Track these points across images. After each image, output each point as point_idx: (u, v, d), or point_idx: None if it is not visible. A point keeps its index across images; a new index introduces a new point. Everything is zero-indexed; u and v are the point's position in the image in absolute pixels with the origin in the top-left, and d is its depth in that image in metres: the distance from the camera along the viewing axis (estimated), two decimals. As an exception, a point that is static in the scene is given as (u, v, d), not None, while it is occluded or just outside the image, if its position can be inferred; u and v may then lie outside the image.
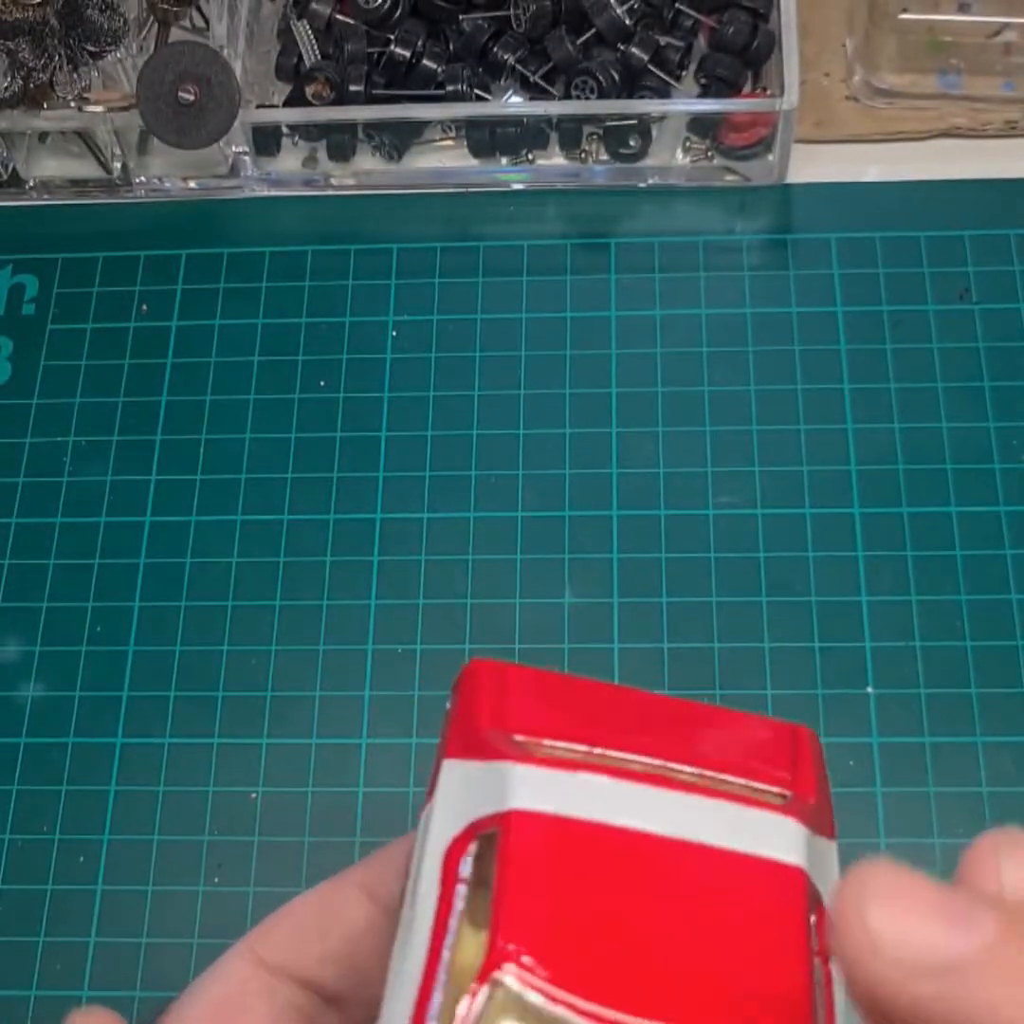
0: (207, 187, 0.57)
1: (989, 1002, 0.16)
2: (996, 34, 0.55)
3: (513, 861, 0.23)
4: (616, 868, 0.23)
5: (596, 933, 0.22)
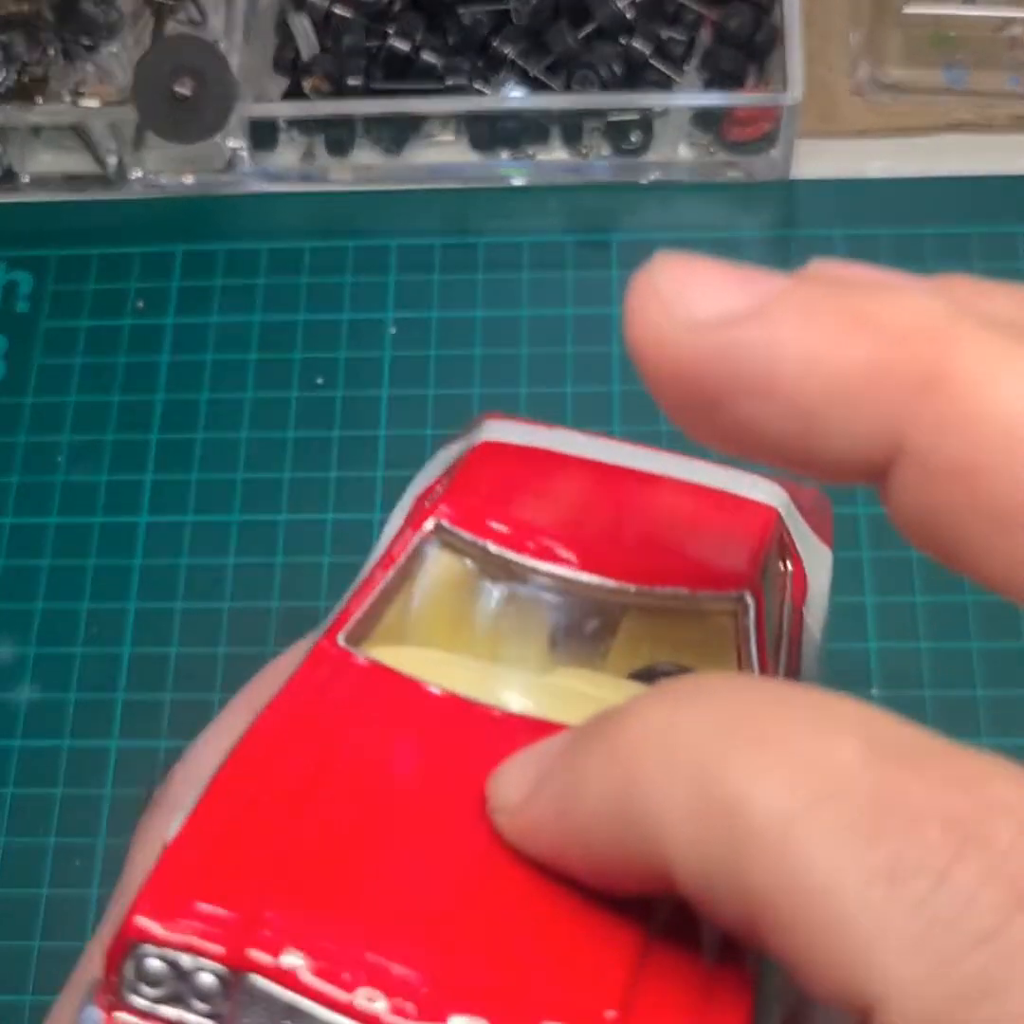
0: (203, 182, 0.56)
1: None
2: (1002, 28, 0.54)
3: (468, 462, 0.25)
4: (569, 473, 0.25)
5: (539, 505, 0.24)
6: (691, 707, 0.16)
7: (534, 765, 0.18)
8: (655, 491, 0.25)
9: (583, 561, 0.23)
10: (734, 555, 0.23)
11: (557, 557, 0.23)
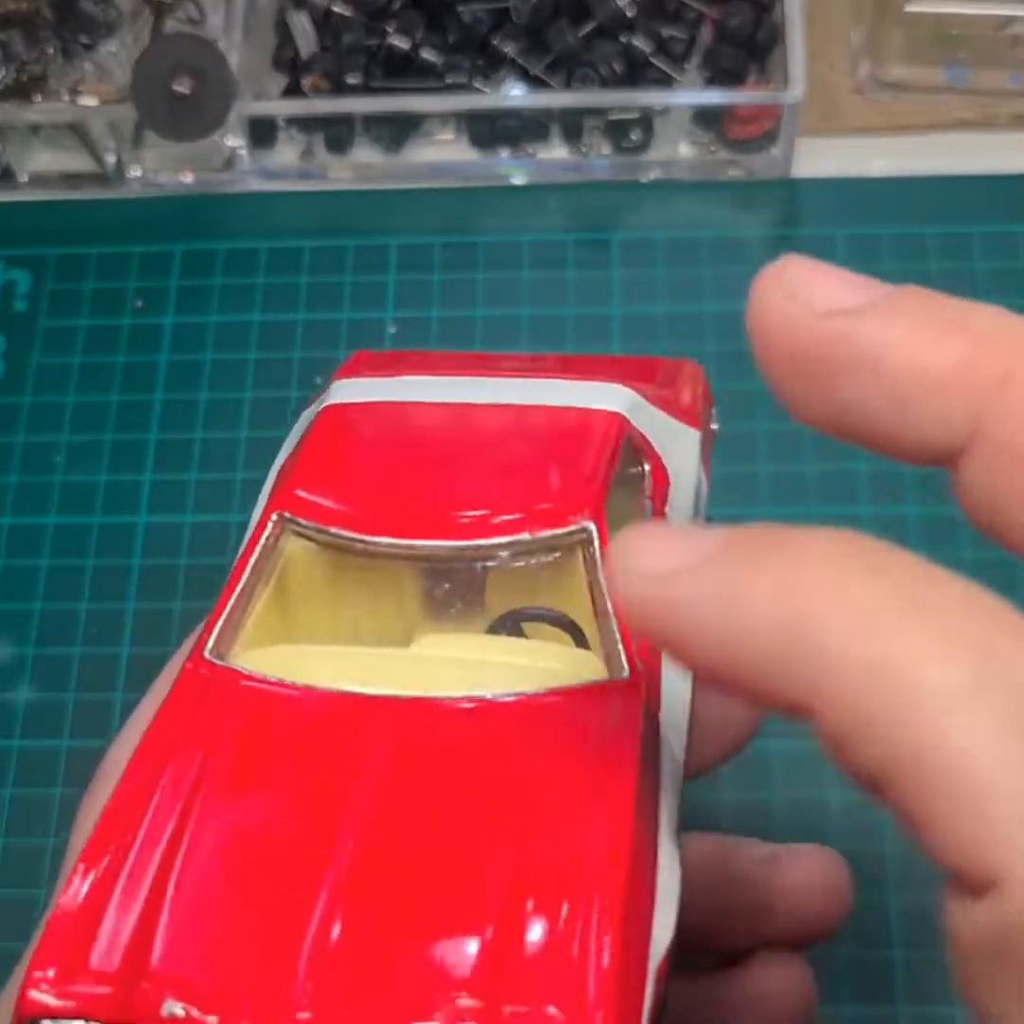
0: (202, 181, 0.56)
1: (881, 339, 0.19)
2: (1003, 27, 0.54)
3: (311, 435, 0.26)
4: (408, 428, 0.26)
5: (379, 473, 0.24)
6: (889, 566, 0.18)
7: (685, 542, 0.19)
8: (497, 427, 0.25)
9: (425, 526, 0.23)
10: (573, 480, 0.23)
11: (401, 528, 0.23)
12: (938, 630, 0.16)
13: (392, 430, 0.26)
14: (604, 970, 0.17)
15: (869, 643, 0.16)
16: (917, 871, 0.43)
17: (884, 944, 0.42)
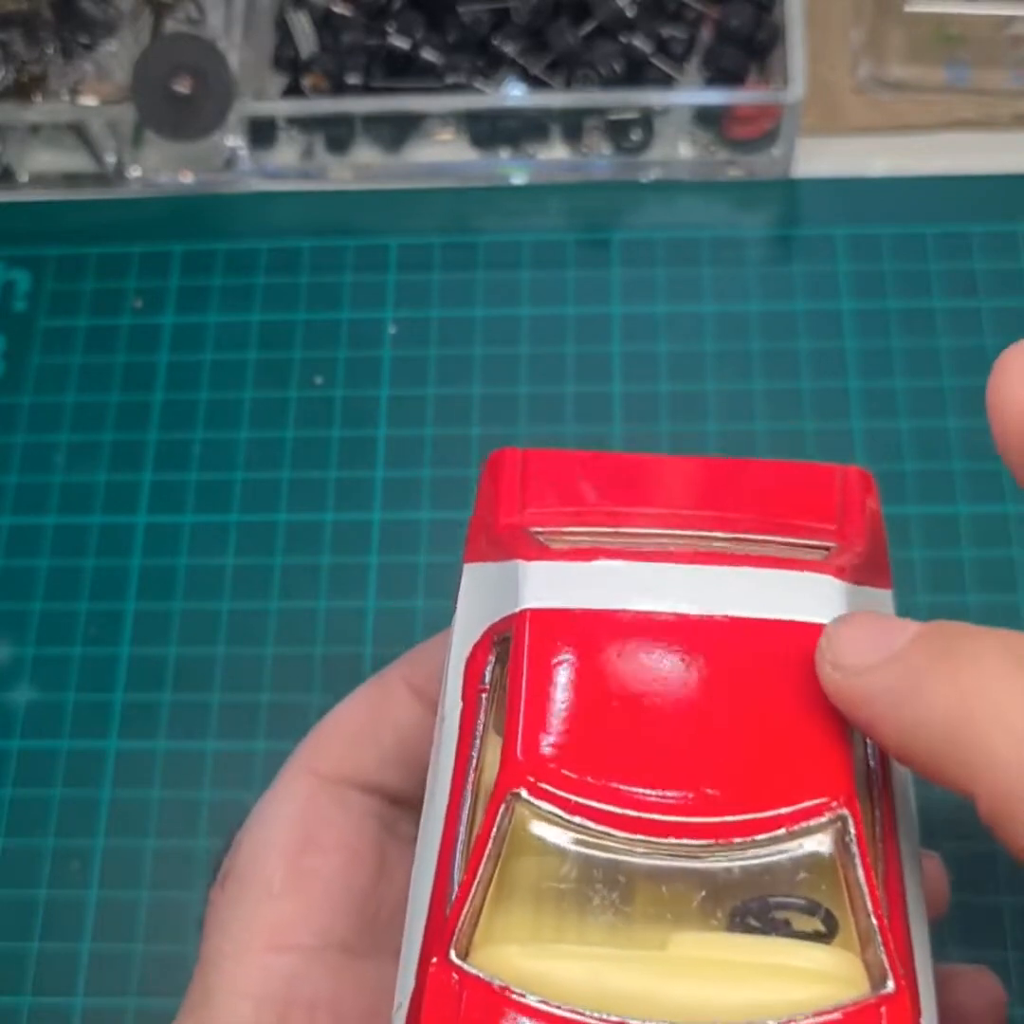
0: (202, 181, 0.56)
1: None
2: (1004, 26, 0.54)
3: (522, 667, 0.23)
4: (630, 657, 0.23)
5: (608, 733, 0.22)
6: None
7: (884, 636, 0.22)
8: (715, 657, 0.23)
9: (675, 812, 0.21)
10: (819, 752, 0.22)
11: (650, 822, 0.21)
12: None
13: (606, 661, 0.23)
14: None
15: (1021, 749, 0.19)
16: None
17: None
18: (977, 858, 0.42)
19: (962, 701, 0.20)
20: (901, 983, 0.20)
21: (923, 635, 0.21)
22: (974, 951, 0.41)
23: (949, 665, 0.20)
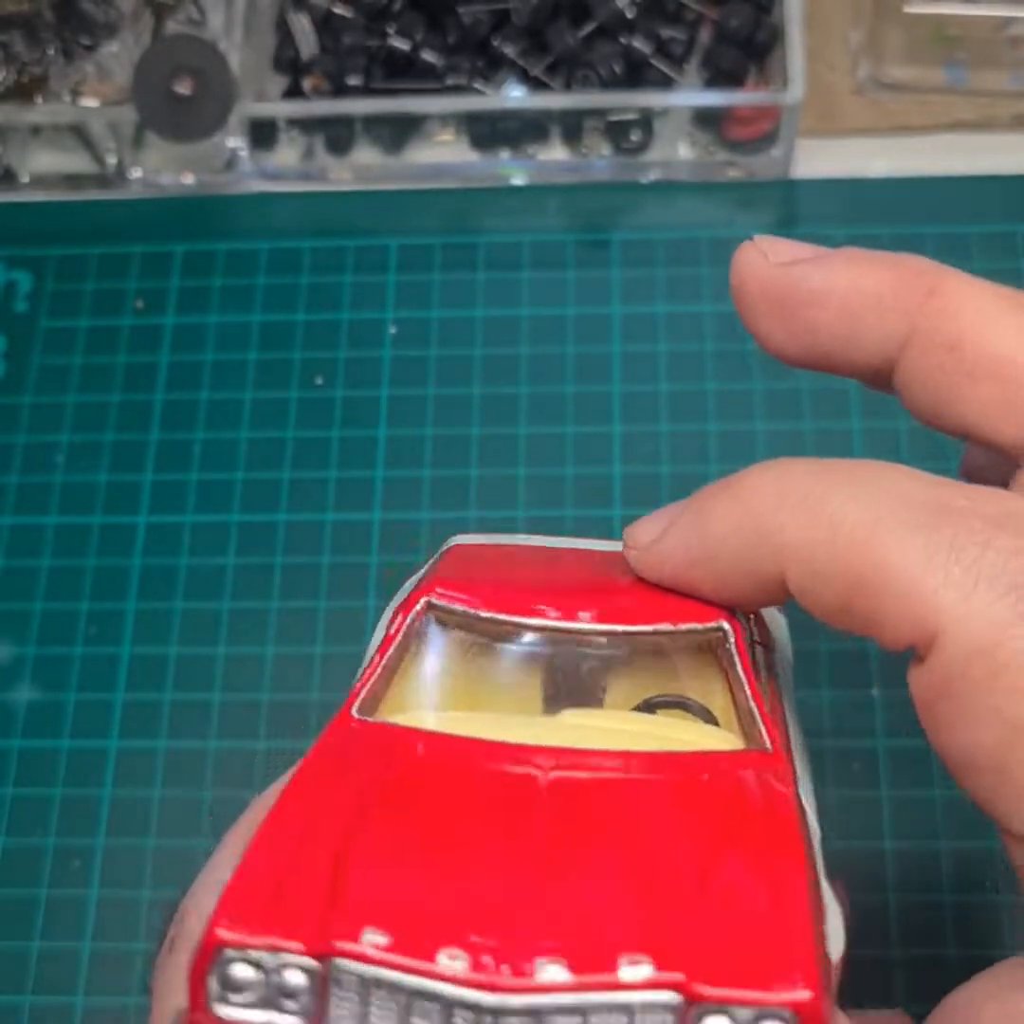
0: (203, 182, 0.56)
1: None
2: (1004, 27, 0.54)
3: (443, 559, 0.28)
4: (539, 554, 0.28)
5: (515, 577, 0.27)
6: (795, 464, 0.24)
7: (664, 515, 0.26)
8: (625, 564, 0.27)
9: (566, 613, 0.25)
10: (711, 606, 0.26)
11: (542, 612, 0.25)
12: (850, 493, 0.23)
13: (520, 554, 0.28)
14: (808, 945, 0.18)
15: (805, 515, 0.23)
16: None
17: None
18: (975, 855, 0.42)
19: (741, 505, 0.24)
20: (778, 746, 0.23)
21: (693, 496, 0.25)
22: (973, 950, 0.41)
23: (721, 493, 0.24)
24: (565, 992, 0.17)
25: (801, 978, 0.18)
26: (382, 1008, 0.18)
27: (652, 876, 0.19)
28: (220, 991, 0.18)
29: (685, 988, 0.18)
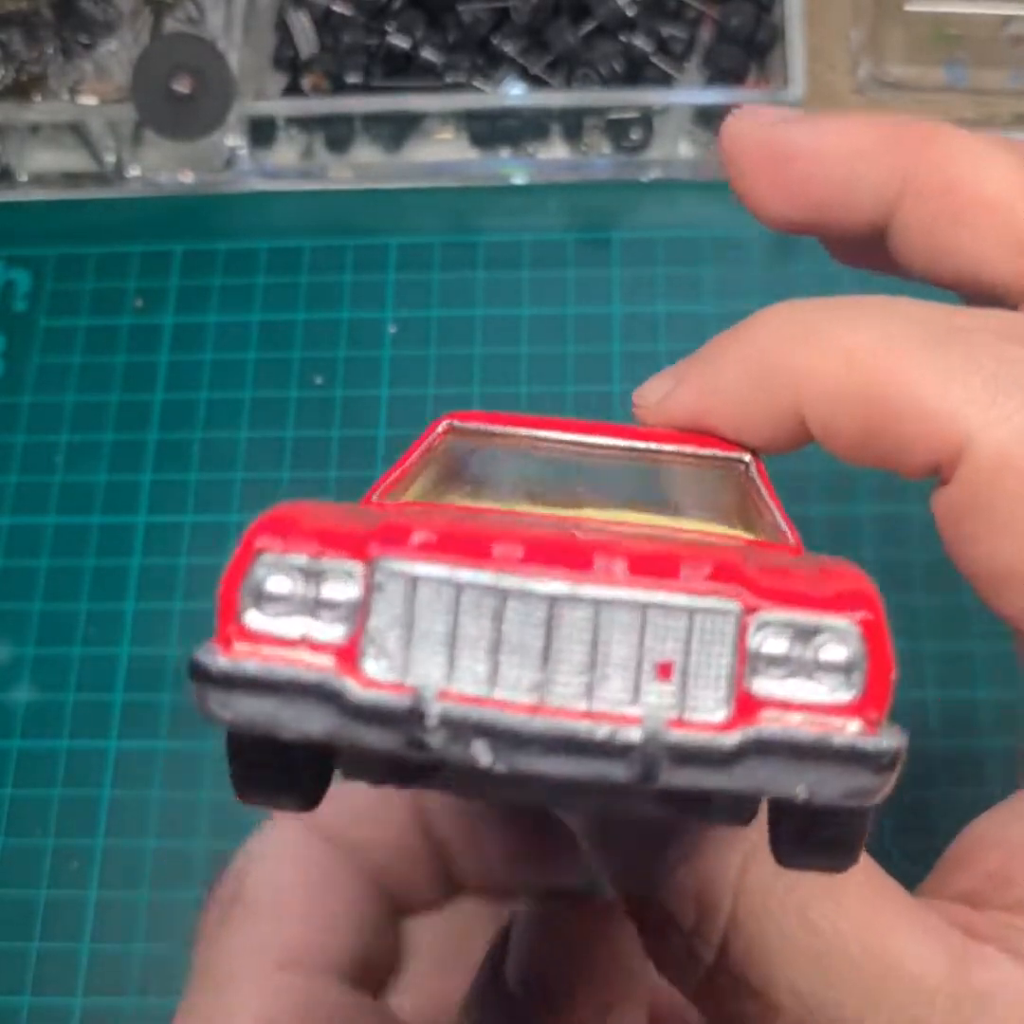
0: (202, 181, 0.56)
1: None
2: (1003, 26, 0.54)
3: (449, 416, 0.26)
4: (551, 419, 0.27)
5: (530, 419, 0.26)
6: (800, 302, 0.24)
7: (672, 372, 0.26)
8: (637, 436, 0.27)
9: (588, 432, 0.25)
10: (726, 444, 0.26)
11: (565, 430, 0.25)
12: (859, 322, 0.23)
13: (529, 417, 0.27)
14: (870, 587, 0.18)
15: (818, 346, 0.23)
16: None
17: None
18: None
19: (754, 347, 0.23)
20: (799, 542, 0.23)
21: (703, 348, 0.25)
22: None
23: (732, 336, 0.24)
24: (624, 587, 0.17)
25: (865, 603, 0.18)
26: (429, 609, 0.17)
27: (704, 546, 0.19)
28: (254, 603, 0.18)
29: (745, 598, 0.17)
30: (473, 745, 0.16)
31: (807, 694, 0.17)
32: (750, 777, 0.17)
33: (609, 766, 0.17)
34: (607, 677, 0.17)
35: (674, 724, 0.17)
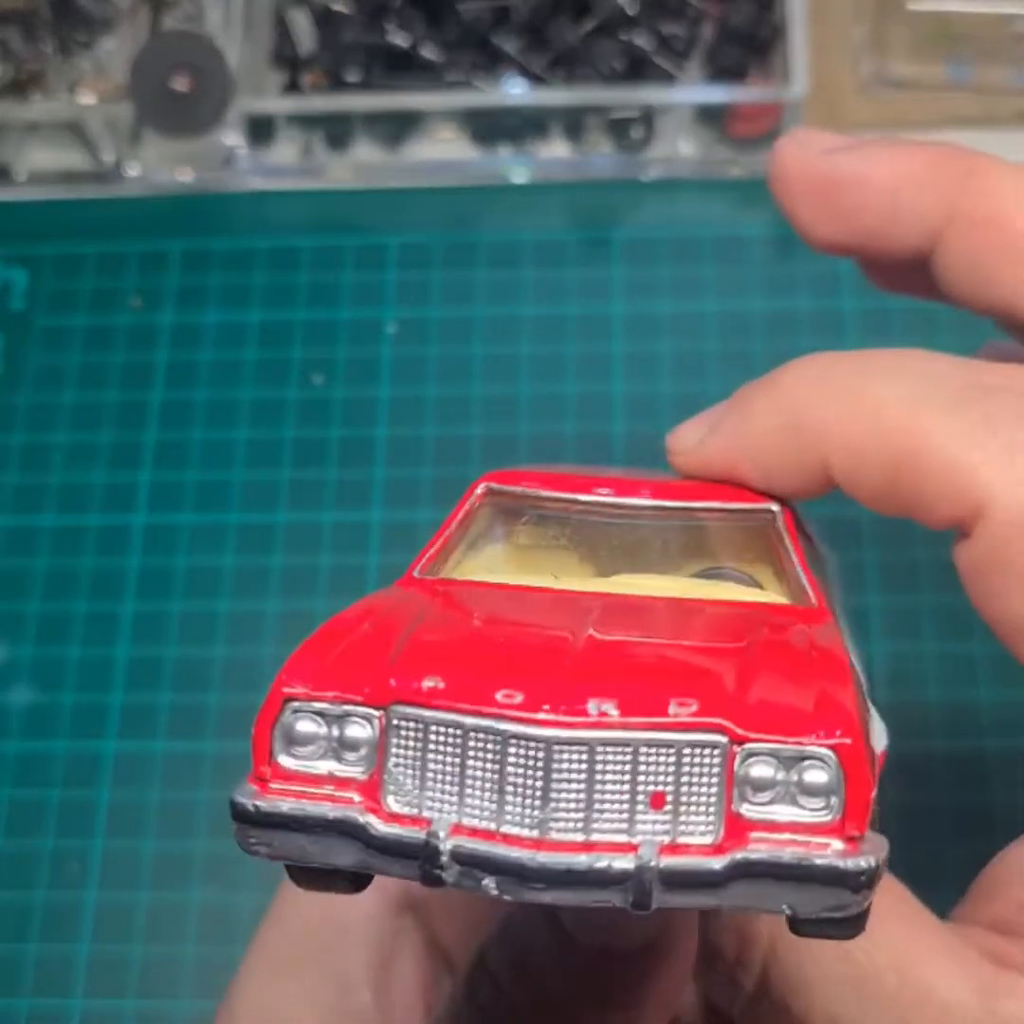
0: (201, 179, 0.56)
1: None
2: (1006, 24, 0.54)
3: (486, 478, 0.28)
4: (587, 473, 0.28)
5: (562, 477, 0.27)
6: (833, 356, 0.25)
7: (705, 418, 0.26)
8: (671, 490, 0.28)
9: (620, 492, 0.26)
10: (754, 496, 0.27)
11: (597, 492, 0.26)
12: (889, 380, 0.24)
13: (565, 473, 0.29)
14: (850, 708, 0.19)
15: (847, 404, 0.24)
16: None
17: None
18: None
19: (781, 400, 0.25)
20: (823, 604, 0.24)
21: (735, 397, 0.26)
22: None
23: (761, 390, 0.25)
24: (616, 728, 0.19)
25: (842, 728, 0.19)
26: (438, 752, 0.19)
27: (696, 667, 0.20)
28: (285, 744, 0.20)
29: (731, 732, 0.19)
30: (482, 880, 0.18)
31: (792, 816, 0.19)
32: (738, 897, 0.18)
33: (606, 893, 0.18)
34: (603, 811, 0.19)
35: (667, 849, 0.19)
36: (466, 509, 0.26)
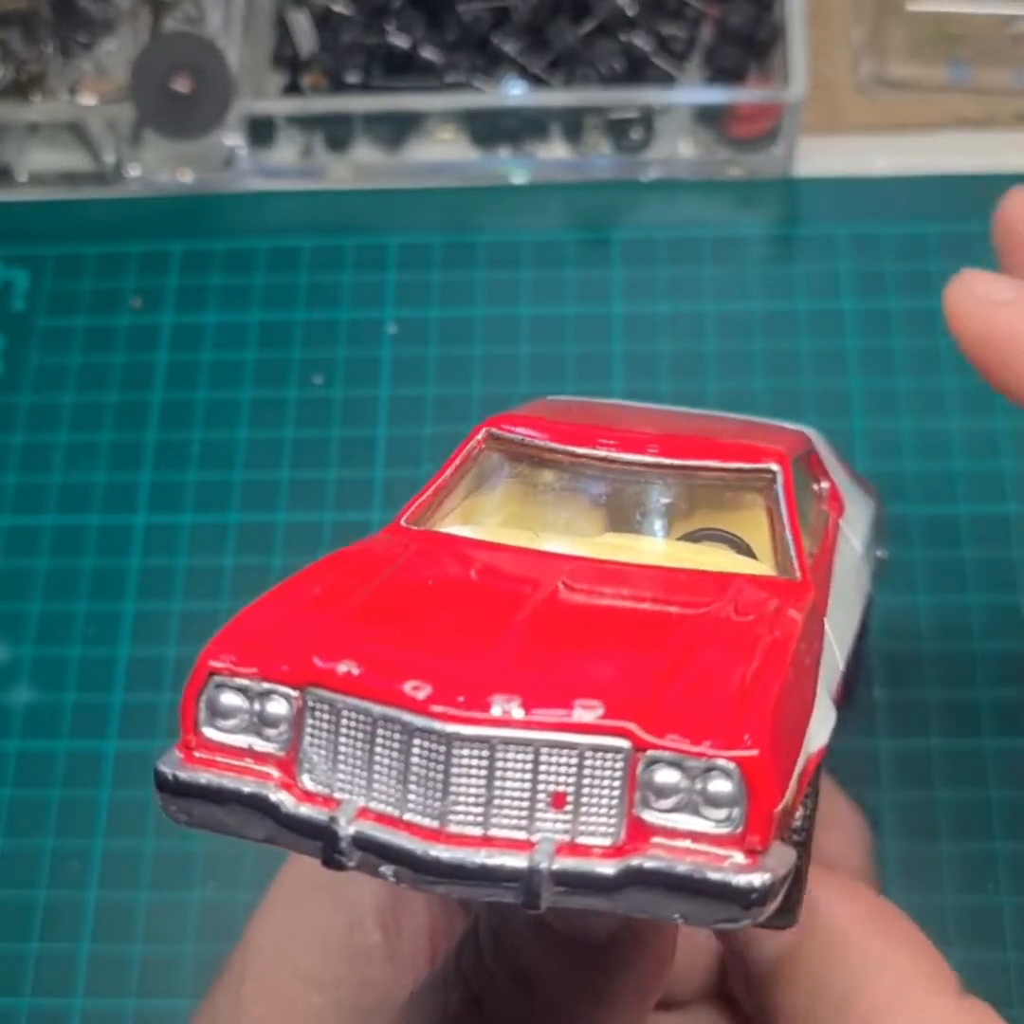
0: (201, 180, 0.56)
1: None
2: (1006, 26, 0.54)
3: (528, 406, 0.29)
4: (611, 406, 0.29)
5: (575, 424, 0.27)
6: None
7: (1012, 284, 0.28)
8: (696, 417, 0.29)
9: (621, 446, 0.26)
10: (763, 448, 0.26)
11: (598, 445, 0.26)
12: None
13: (584, 404, 0.29)
14: (765, 714, 0.19)
15: None
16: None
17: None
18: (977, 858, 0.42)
19: None
20: (807, 577, 0.24)
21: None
22: (975, 952, 0.41)
23: None
24: (517, 728, 0.19)
25: (752, 737, 0.18)
26: (349, 736, 0.19)
27: (626, 652, 0.20)
28: (209, 715, 0.20)
29: (635, 737, 0.19)
30: (379, 867, 0.19)
31: (694, 825, 0.19)
32: (632, 903, 0.18)
33: (497, 890, 0.19)
34: (502, 807, 0.19)
35: (566, 849, 0.19)
36: (464, 454, 0.27)
